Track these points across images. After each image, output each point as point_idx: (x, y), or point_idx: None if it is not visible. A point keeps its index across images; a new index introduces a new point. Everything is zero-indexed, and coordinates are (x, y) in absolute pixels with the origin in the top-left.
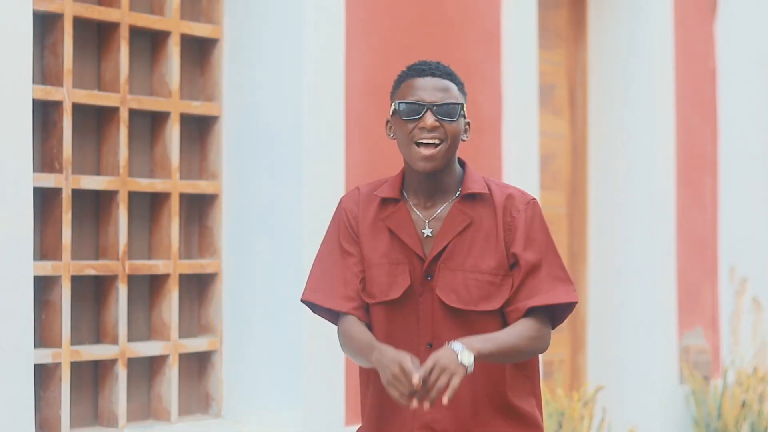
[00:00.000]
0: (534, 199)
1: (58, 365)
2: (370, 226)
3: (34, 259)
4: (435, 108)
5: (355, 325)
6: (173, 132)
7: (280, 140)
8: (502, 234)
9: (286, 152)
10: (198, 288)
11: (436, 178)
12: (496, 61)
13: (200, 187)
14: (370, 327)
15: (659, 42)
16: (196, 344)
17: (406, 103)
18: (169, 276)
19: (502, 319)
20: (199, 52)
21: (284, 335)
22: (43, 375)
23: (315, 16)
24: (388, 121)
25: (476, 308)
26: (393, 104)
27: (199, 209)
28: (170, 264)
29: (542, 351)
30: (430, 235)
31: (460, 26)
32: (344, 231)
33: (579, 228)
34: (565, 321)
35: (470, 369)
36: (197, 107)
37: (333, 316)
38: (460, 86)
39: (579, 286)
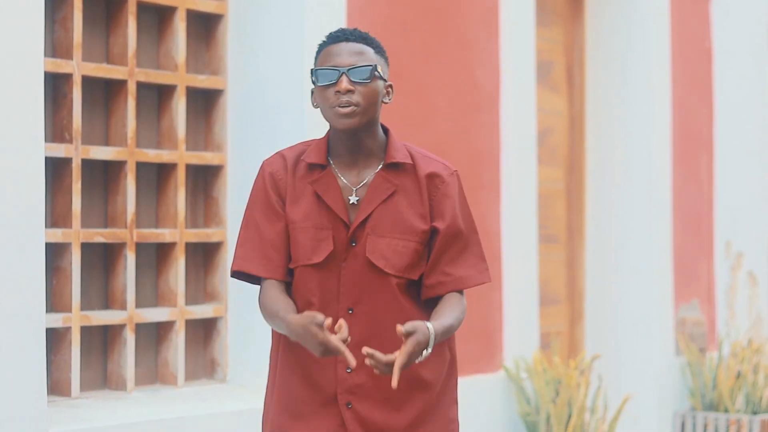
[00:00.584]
0: (456, 170)
1: (68, 329)
2: (297, 190)
3: (45, 226)
4: (348, 71)
5: (270, 290)
6: (179, 104)
7: (284, 113)
8: (427, 203)
9: (290, 124)
10: (204, 256)
11: (358, 138)
12: (494, 39)
13: (206, 158)
14: (290, 291)
15: (656, 20)
16: (202, 311)
17: (321, 69)
18: (175, 244)
19: (416, 290)
20: (205, 27)
21: None
22: (54, 339)
23: None
24: (312, 91)
25: (404, 275)
26: (311, 73)
27: (204, 180)
28: (177, 233)
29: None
30: (355, 202)
31: (458, 4)
32: (273, 195)
33: (576, 203)
34: (563, 294)
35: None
36: (203, 81)
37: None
38: (378, 49)
39: (577, 260)
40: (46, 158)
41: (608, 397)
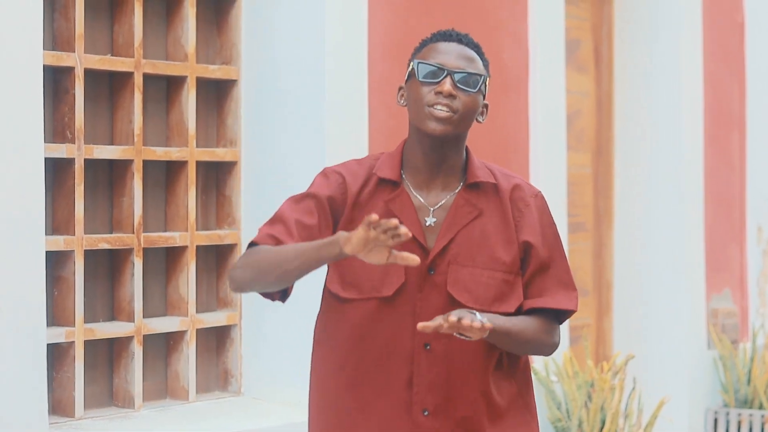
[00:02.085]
0: (540, 192)
1: (71, 344)
2: (365, 208)
3: (45, 233)
4: (456, 74)
5: (264, 248)
6: (189, 97)
7: (301, 104)
8: (513, 229)
9: (308, 117)
10: (216, 260)
11: (443, 152)
12: (522, 18)
13: (218, 154)
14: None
15: None
16: (215, 319)
17: (426, 63)
18: (186, 248)
19: None
20: (216, 13)
21: (305, 308)
22: (56, 355)
23: None
24: (401, 88)
25: (490, 309)
26: (410, 65)
27: (216, 178)
28: (187, 235)
29: (548, 353)
30: (431, 224)
31: None
32: (329, 187)
33: (604, 188)
34: (590, 285)
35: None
36: (214, 71)
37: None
38: (486, 63)
39: (604, 248)
40: (46, 159)
41: (641, 398)
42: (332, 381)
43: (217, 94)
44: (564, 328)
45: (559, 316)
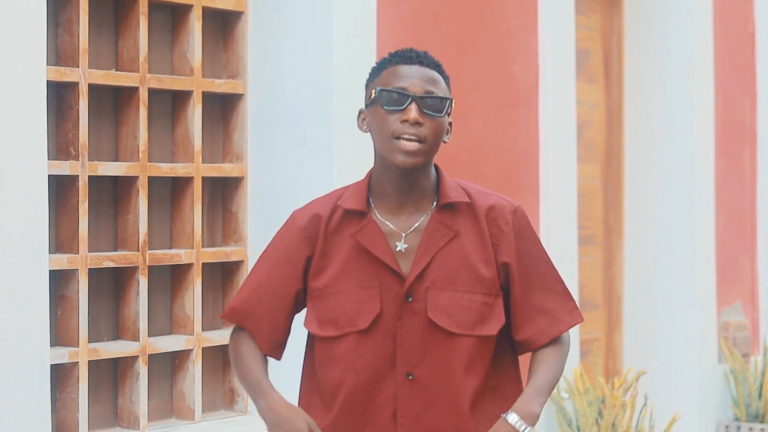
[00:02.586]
0: (520, 206)
1: (75, 365)
2: (332, 248)
3: (49, 252)
4: (421, 100)
5: (247, 344)
6: (195, 112)
7: (309, 119)
8: (490, 249)
9: (316, 132)
10: (222, 277)
11: (412, 179)
12: (533, 29)
13: (224, 170)
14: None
15: (697, 5)
16: (221, 337)
17: (388, 90)
18: (191, 266)
19: (496, 343)
20: (222, 26)
21: None
22: (60, 375)
23: None
24: (361, 111)
25: (472, 333)
26: (372, 91)
27: (223, 193)
28: (193, 253)
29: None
30: (402, 250)
31: None
32: (293, 254)
33: (614, 200)
34: (600, 298)
35: None
36: (220, 85)
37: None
38: (447, 80)
39: (614, 261)
40: (50, 176)
41: (652, 413)
42: (320, 421)
43: (223, 109)
44: (574, 342)
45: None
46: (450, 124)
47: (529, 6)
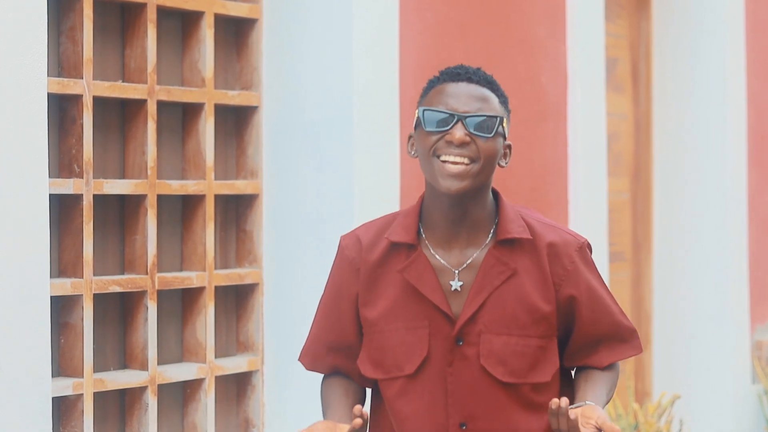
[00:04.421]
0: (585, 240)
1: (79, 396)
2: (377, 281)
3: (51, 276)
4: (467, 119)
5: (327, 385)
6: (207, 126)
7: (328, 132)
8: (551, 288)
9: (335, 146)
10: (236, 301)
11: (464, 208)
12: (561, 38)
13: (238, 187)
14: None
15: (728, 12)
16: (235, 365)
17: (431, 110)
18: (203, 289)
19: (548, 391)
20: (236, 35)
21: None
22: (63, 408)
23: None
24: (410, 136)
25: (526, 380)
26: (417, 112)
27: (236, 212)
28: (205, 275)
29: None
30: (458, 288)
31: (520, 1)
32: (344, 287)
33: (643, 215)
34: (629, 317)
35: None
36: (234, 97)
37: None
38: (503, 99)
39: (643, 278)
40: (52, 195)
41: None
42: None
43: (236, 122)
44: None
45: None
46: (509, 147)
47: (557, 13)
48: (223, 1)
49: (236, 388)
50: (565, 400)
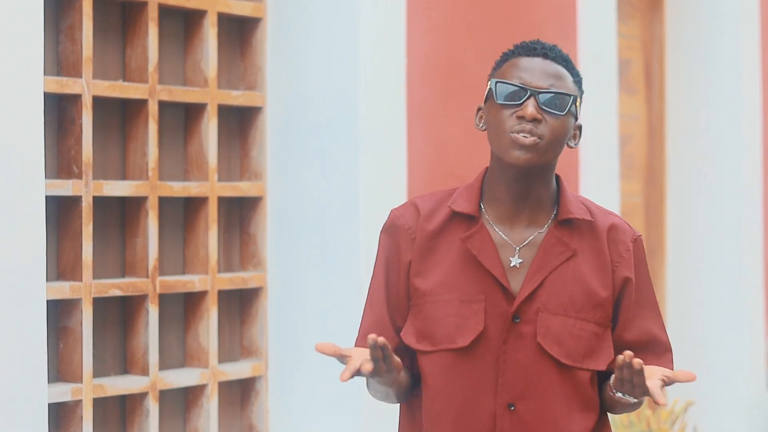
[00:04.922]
0: (640, 235)
1: (78, 403)
2: (432, 250)
3: (48, 279)
4: (540, 95)
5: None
6: (210, 126)
7: (333, 133)
8: (609, 274)
9: (340, 147)
10: (240, 305)
11: (529, 184)
12: (572, 38)
13: (241, 189)
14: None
15: (743, 11)
16: (238, 370)
17: (504, 83)
18: (206, 293)
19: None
20: (239, 34)
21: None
22: (61, 415)
23: None
24: (480, 109)
25: (582, 365)
26: (488, 84)
27: (240, 214)
28: (207, 279)
29: None
30: (517, 265)
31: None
32: (398, 253)
33: (656, 219)
34: None
35: None
36: (237, 97)
37: None
38: (577, 78)
39: (657, 284)
40: (49, 197)
41: None
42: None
43: (240, 123)
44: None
45: None
46: (579, 128)
47: (568, 13)
48: (227, 0)
49: (240, 394)
50: (631, 354)
